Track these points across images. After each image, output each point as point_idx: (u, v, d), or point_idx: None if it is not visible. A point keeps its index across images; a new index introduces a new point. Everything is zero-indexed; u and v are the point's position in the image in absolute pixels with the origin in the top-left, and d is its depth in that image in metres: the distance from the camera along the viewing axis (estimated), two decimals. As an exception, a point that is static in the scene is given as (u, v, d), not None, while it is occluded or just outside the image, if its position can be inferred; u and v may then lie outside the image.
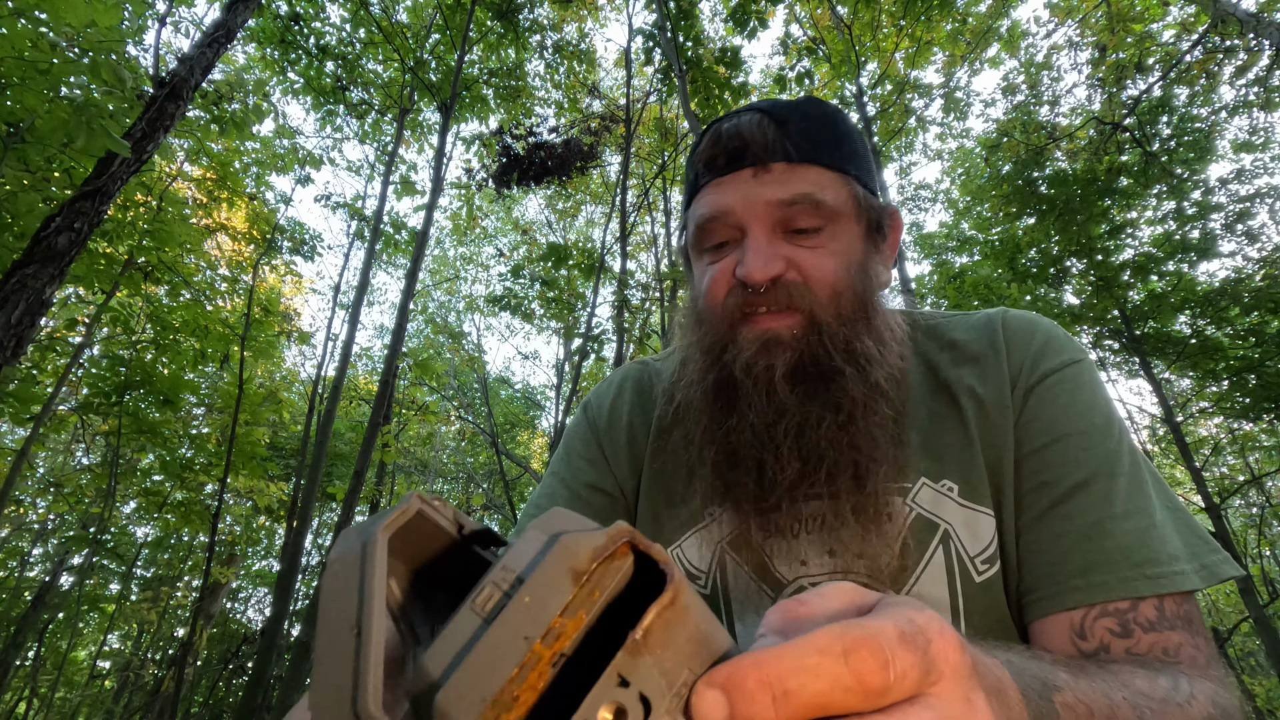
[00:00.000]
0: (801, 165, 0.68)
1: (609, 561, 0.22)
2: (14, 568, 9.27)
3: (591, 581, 0.21)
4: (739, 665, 0.22)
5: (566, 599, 0.21)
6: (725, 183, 0.70)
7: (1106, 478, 0.62)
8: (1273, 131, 6.85)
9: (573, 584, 0.21)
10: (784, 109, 0.70)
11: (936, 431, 0.70)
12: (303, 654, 4.89)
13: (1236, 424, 7.78)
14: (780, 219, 0.68)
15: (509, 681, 0.20)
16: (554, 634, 0.20)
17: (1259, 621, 5.64)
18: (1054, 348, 0.70)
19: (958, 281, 7.29)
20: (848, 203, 0.70)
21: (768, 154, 0.68)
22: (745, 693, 0.22)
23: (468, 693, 0.20)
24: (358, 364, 12.31)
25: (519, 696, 0.20)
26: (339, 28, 7.45)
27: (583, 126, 10.30)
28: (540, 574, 0.21)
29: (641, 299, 8.80)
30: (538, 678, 0.20)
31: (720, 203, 0.69)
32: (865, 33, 7.07)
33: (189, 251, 6.43)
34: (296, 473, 7.20)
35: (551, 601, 0.21)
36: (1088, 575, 0.58)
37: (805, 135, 0.69)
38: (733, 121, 0.71)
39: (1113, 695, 0.43)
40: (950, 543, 0.65)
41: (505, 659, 0.20)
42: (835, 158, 0.70)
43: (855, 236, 0.71)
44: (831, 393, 0.66)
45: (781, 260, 0.67)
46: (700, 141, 0.73)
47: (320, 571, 5.08)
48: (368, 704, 0.20)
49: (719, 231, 0.70)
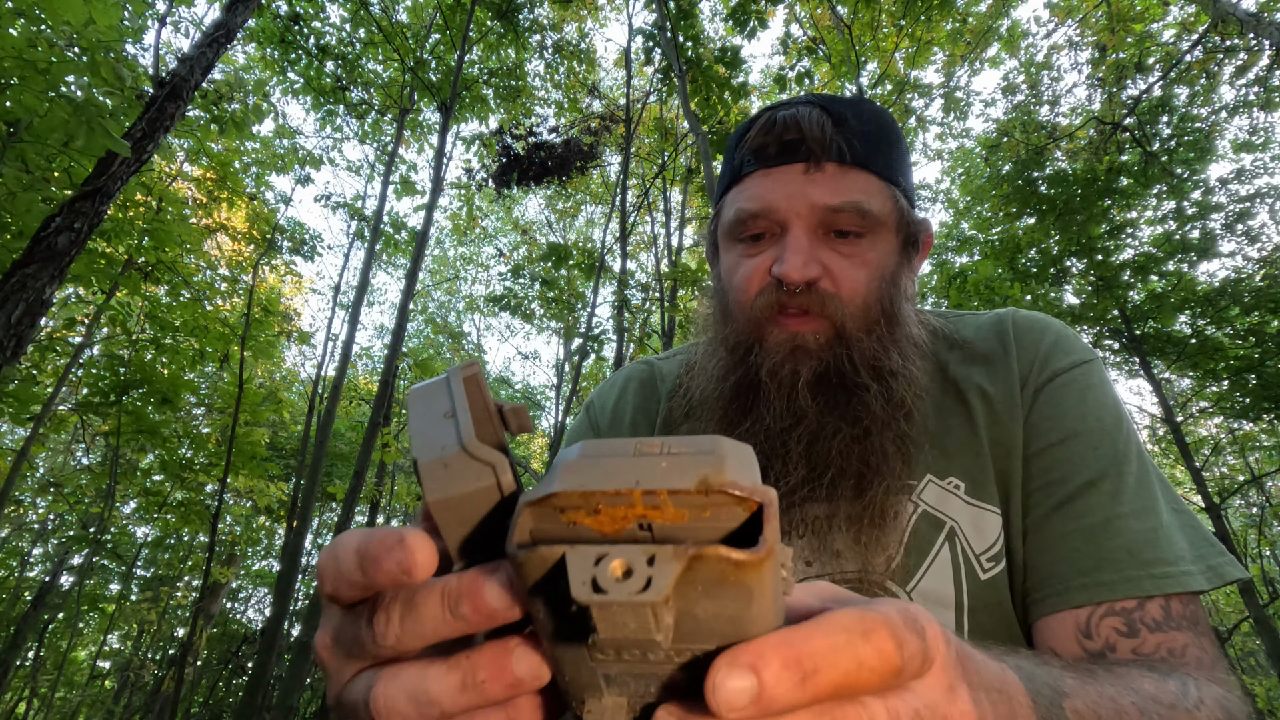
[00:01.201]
0: (853, 169, 0.67)
1: (737, 500, 0.22)
2: (14, 568, 9.27)
3: (710, 500, 0.22)
4: (766, 643, 0.22)
5: (685, 487, 0.22)
6: (774, 175, 0.69)
7: (1114, 477, 0.62)
8: (1273, 131, 6.86)
9: (695, 485, 0.22)
10: (842, 106, 0.69)
11: (944, 429, 0.70)
12: (303, 654, 4.88)
13: (1236, 424, 7.79)
14: (823, 221, 0.67)
15: (601, 493, 0.22)
16: (655, 501, 0.22)
17: (1259, 621, 5.64)
18: (1064, 347, 0.70)
19: (959, 281, 7.28)
20: (891, 215, 0.69)
21: (823, 151, 0.67)
22: (773, 673, 0.21)
23: (575, 475, 0.23)
24: (358, 364, 12.31)
25: (600, 511, 0.22)
26: (339, 28, 7.45)
27: (583, 126, 10.30)
28: (683, 459, 0.23)
29: (641, 299, 8.80)
30: (621, 514, 0.22)
31: (767, 198, 0.68)
32: (865, 32, 7.07)
33: (189, 251, 6.43)
34: (296, 473, 7.20)
35: (671, 480, 0.22)
36: (1094, 574, 0.58)
37: (861, 138, 0.68)
38: (790, 111, 0.69)
39: (1121, 701, 0.43)
40: (956, 540, 0.65)
41: (614, 480, 0.22)
42: (886, 166, 0.69)
43: (892, 249, 0.70)
44: (852, 406, 0.66)
45: (819, 264, 0.66)
46: (751, 125, 0.71)
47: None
48: (472, 435, 0.26)
49: (759, 225, 0.70)
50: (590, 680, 0.24)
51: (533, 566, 0.22)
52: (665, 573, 0.20)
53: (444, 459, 0.25)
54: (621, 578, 0.20)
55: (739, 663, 0.21)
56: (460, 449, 0.25)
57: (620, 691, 0.25)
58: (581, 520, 0.22)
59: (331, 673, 0.31)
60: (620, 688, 0.25)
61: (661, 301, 7.33)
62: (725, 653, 0.22)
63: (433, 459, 0.25)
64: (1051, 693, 0.38)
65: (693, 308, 5.98)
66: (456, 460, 0.25)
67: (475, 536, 0.26)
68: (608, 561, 0.21)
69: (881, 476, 0.65)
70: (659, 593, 0.20)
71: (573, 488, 0.22)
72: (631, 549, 0.21)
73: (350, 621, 0.29)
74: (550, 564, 0.22)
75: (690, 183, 8.82)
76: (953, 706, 0.26)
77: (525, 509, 0.23)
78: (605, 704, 0.25)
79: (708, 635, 0.22)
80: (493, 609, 0.25)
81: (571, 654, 0.24)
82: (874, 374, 0.66)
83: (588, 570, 0.21)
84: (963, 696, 0.27)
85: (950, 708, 0.26)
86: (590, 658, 0.23)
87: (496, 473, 0.25)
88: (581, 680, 0.25)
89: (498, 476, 0.25)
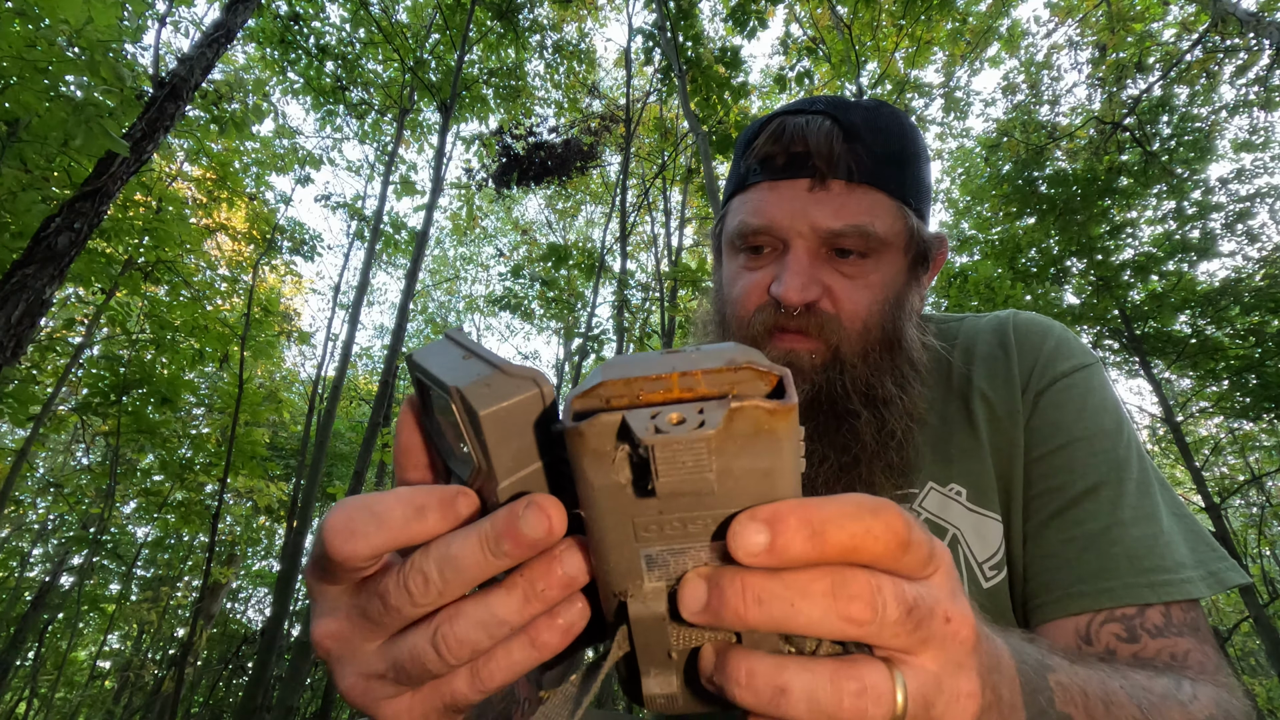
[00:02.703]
0: (861, 187, 0.65)
1: (759, 374, 0.25)
2: (14, 568, 9.27)
3: (738, 376, 0.25)
4: (782, 505, 0.25)
5: (714, 367, 0.24)
6: (779, 189, 0.67)
7: (1115, 484, 0.62)
8: (1273, 131, 6.85)
9: (724, 366, 0.24)
10: (856, 117, 0.67)
11: (946, 435, 0.70)
12: (303, 654, 4.88)
13: (1236, 424, 7.78)
14: (825, 242, 0.66)
15: (643, 379, 0.25)
16: (689, 382, 0.24)
17: (1259, 621, 5.64)
18: (1065, 351, 0.70)
19: (959, 281, 7.28)
20: (900, 235, 0.67)
21: (829, 169, 0.65)
22: (786, 527, 0.24)
23: (615, 368, 0.25)
24: (358, 364, 12.31)
25: (640, 395, 0.25)
26: (339, 28, 7.44)
27: (583, 126, 10.29)
28: (709, 352, 0.25)
29: (641, 299, 8.79)
30: (659, 396, 0.25)
31: (770, 213, 0.67)
32: (865, 32, 7.06)
33: (189, 251, 6.42)
34: (296, 473, 7.20)
35: (703, 363, 0.25)
36: (1095, 581, 0.58)
37: (872, 154, 0.65)
38: (799, 120, 0.67)
39: (1109, 683, 0.43)
40: (959, 547, 0.65)
41: (654, 369, 0.25)
42: (898, 183, 0.67)
43: (898, 269, 0.69)
44: (841, 433, 0.65)
45: (818, 286, 0.65)
46: (760, 130, 0.70)
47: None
48: (504, 359, 0.28)
49: (761, 240, 0.68)
50: (632, 565, 0.27)
51: (594, 435, 0.24)
52: (715, 416, 0.23)
53: (484, 379, 0.27)
54: (677, 425, 0.23)
55: (758, 517, 0.24)
56: (496, 369, 0.27)
57: (660, 575, 0.27)
58: (622, 404, 0.25)
59: (345, 657, 0.31)
60: (660, 570, 0.27)
61: (661, 301, 7.32)
62: (746, 510, 0.25)
63: (474, 381, 0.27)
64: (1037, 665, 0.38)
65: (693, 308, 5.93)
66: (496, 379, 0.27)
67: (526, 445, 0.28)
68: (663, 414, 0.23)
69: None
70: (713, 426, 0.22)
71: (616, 377, 0.25)
72: (681, 405, 0.24)
73: (365, 597, 0.30)
74: (610, 428, 0.24)
75: (690, 183, 8.82)
76: (954, 605, 0.28)
77: (573, 400, 0.25)
78: (646, 589, 0.28)
79: (741, 496, 0.25)
80: (533, 539, 0.27)
81: (617, 535, 0.26)
82: (866, 401, 0.65)
83: (648, 422, 0.23)
84: (963, 602, 0.29)
85: (952, 605, 0.28)
86: (636, 535, 0.26)
87: (538, 382, 0.27)
88: (624, 567, 0.27)
89: (539, 385, 0.27)
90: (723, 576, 0.25)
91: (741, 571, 0.25)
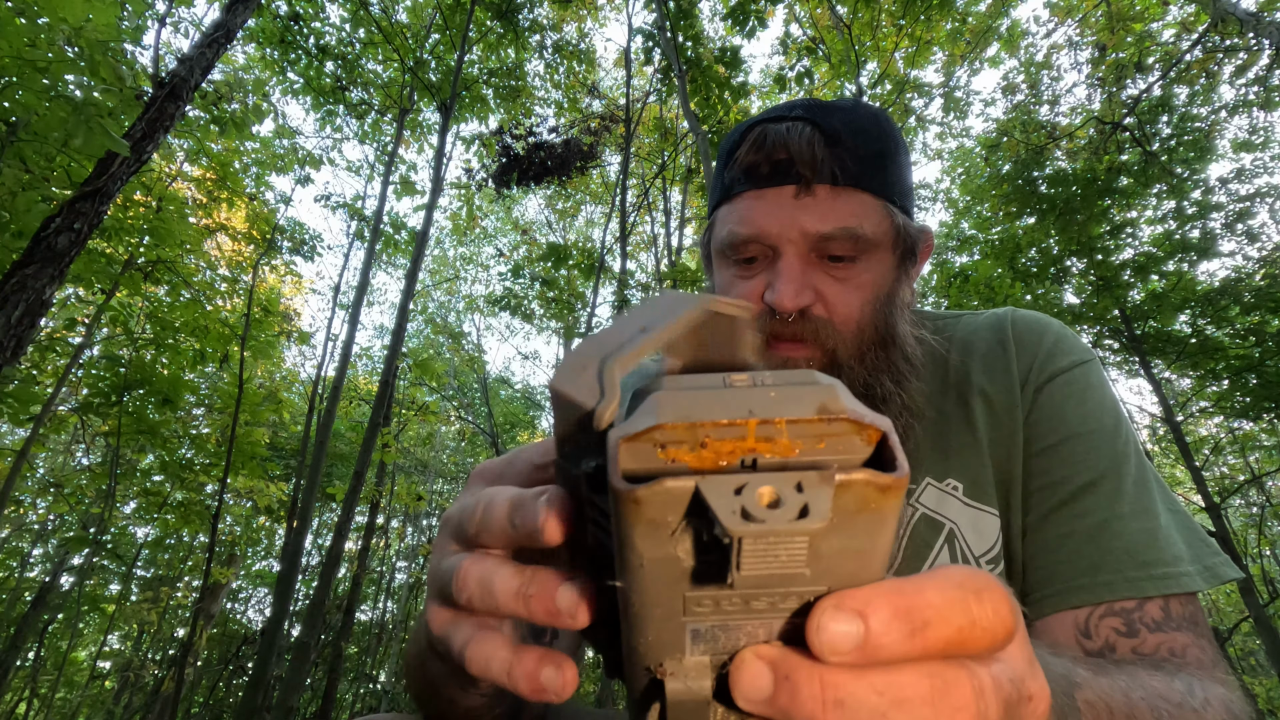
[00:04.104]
0: (846, 190, 0.66)
1: (857, 428, 0.20)
2: (14, 568, 9.27)
3: (830, 429, 0.20)
4: (877, 589, 0.21)
5: (801, 416, 0.20)
6: (765, 197, 0.67)
7: (1114, 478, 0.62)
8: (1273, 131, 6.85)
9: (814, 412, 0.20)
10: (836, 119, 0.67)
11: (943, 431, 0.70)
12: (303, 654, 4.88)
13: (1236, 424, 7.78)
14: (815, 247, 0.66)
15: (712, 424, 0.20)
16: (769, 432, 0.20)
17: (1259, 621, 5.64)
18: (1063, 348, 0.70)
19: (959, 281, 7.28)
20: (887, 234, 0.68)
21: (813, 174, 0.65)
22: (882, 621, 0.20)
23: (674, 406, 0.20)
24: (358, 364, 12.30)
25: (706, 445, 0.20)
26: (339, 28, 7.44)
27: (583, 126, 10.30)
28: (790, 389, 0.21)
29: (641, 299, 8.78)
30: (729, 448, 0.20)
31: (758, 222, 0.67)
32: (865, 32, 7.06)
33: (189, 251, 6.42)
34: (296, 473, 7.20)
35: (787, 409, 0.20)
36: (1094, 574, 0.58)
37: (855, 156, 0.66)
38: (780, 128, 0.67)
39: (1131, 695, 0.43)
40: (955, 542, 0.65)
41: (723, 410, 0.20)
42: (881, 183, 0.67)
43: (887, 267, 0.69)
44: None
45: (811, 291, 0.66)
46: (741, 138, 0.70)
47: (322, 567, 5.10)
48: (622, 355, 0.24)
49: (751, 249, 0.69)
50: (675, 638, 0.23)
51: (656, 504, 0.19)
52: (821, 497, 0.18)
53: (583, 360, 0.24)
54: (770, 507, 0.18)
55: (846, 606, 0.21)
56: (603, 360, 0.24)
57: (705, 649, 0.23)
58: (682, 456, 0.20)
59: (435, 549, 0.35)
60: (706, 644, 0.23)
61: (661, 301, 7.31)
62: (831, 595, 0.21)
63: (574, 358, 0.25)
64: (1065, 682, 0.38)
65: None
66: (591, 368, 0.24)
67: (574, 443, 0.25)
68: (750, 489, 0.18)
69: None
70: (822, 519, 0.18)
71: (678, 419, 0.20)
72: (773, 476, 0.19)
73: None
74: (679, 499, 0.19)
75: (690, 183, 8.82)
76: (1035, 681, 0.25)
77: (621, 444, 0.20)
78: (688, 664, 0.23)
79: (824, 576, 0.21)
80: (530, 528, 0.27)
81: (663, 610, 0.21)
82: (865, 401, 0.66)
83: (732, 500, 0.18)
84: (1039, 671, 0.26)
85: (1033, 682, 0.25)
86: (685, 610, 0.21)
87: (602, 398, 0.23)
88: (666, 639, 0.23)
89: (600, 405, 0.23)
90: (797, 669, 0.21)
91: (819, 666, 0.21)
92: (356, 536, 9.74)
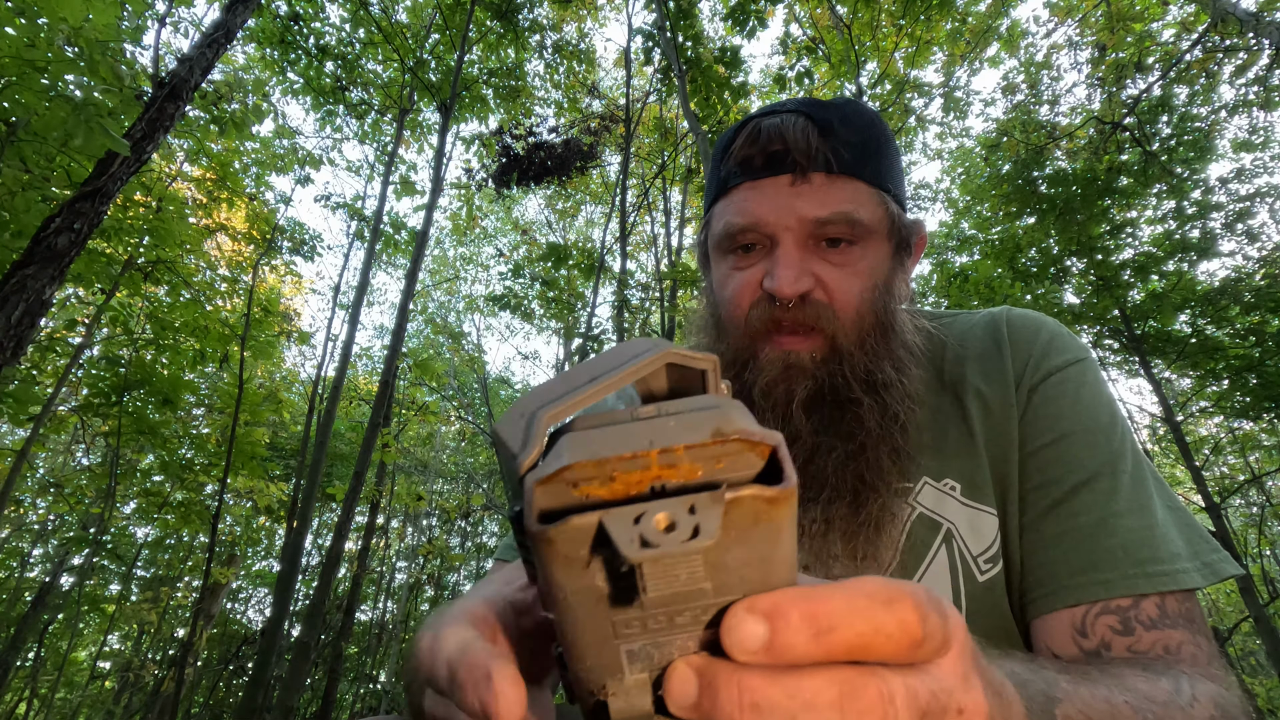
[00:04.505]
0: (841, 178, 0.66)
1: (750, 445, 0.22)
2: (14, 568, 9.27)
3: (725, 449, 0.22)
4: (785, 595, 0.22)
5: (697, 440, 0.22)
6: (761, 187, 0.68)
7: (1110, 476, 0.62)
8: (1273, 131, 6.85)
9: (710, 438, 0.22)
10: (828, 112, 0.68)
11: (940, 430, 0.70)
12: (303, 654, 4.88)
13: (1236, 424, 7.78)
14: (813, 233, 0.67)
15: (617, 458, 0.21)
16: (671, 459, 0.22)
17: (1259, 621, 5.64)
18: (1058, 346, 0.70)
19: (959, 281, 7.28)
20: (882, 222, 0.68)
21: (809, 162, 0.66)
22: (789, 623, 0.22)
23: (583, 446, 0.22)
24: (358, 364, 12.30)
25: (615, 478, 0.22)
26: (339, 28, 7.45)
27: (582, 126, 10.30)
28: (687, 416, 0.23)
29: (641, 299, 8.80)
30: (637, 479, 0.22)
31: (755, 211, 0.67)
32: (865, 32, 7.06)
33: (189, 251, 6.43)
34: (296, 473, 7.20)
35: (685, 435, 0.22)
36: (1090, 572, 0.58)
37: (849, 146, 0.67)
38: (774, 120, 0.68)
39: (1114, 699, 0.43)
40: (953, 542, 0.65)
41: (626, 444, 0.22)
42: (875, 172, 0.68)
43: (884, 255, 0.69)
44: (846, 422, 0.66)
45: (810, 277, 0.66)
46: (736, 134, 0.70)
47: (322, 567, 5.11)
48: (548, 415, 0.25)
49: (748, 237, 0.69)
50: (612, 660, 0.24)
51: (565, 541, 0.21)
52: (711, 517, 0.20)
53: (522, 409, 0.26)
54: (666, 531, 0.20)
55: (756, 609, 0.22)
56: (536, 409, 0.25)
57: (642, 668, 0.25)
58: (595, 491, 0.22)
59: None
60: (642, 663, 0.25)
61: (661, 301, 7.33)
62: (743, 599, 0.22)
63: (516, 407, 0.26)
64: (1044, 699, 0.38)
65: (692, 308, 5.96)
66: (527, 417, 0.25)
67: (511, 488, 0.26)
68: (648, 518, 0.20)
69: (877, 492, 0.64)
70: (711, 537, 0.20)
71: (586, 458, 0.21)
72: (668, 502, 0.21)
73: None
74: (584, 534, 0.21)
75: (690, 183, 8.82)
76: (967, 695, 0.26)
77: (535, 487, 0.22)
78: (628, 683, 0.25)
79: (735, 585, 0.22)
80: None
81: (594, 636, 0.23)
82: (867, 388, 0.66)
83: (631, 529, 0.20)
84: (976, 686, 0.27)
85: (965, 695, 0.26)
86: (615, 633, 0.23)
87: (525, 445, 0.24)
88: (603, 662, 0.24)
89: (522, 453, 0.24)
90: (717, 675, 0.23)
91: (738, 671, 0.22)
92: (356, 536, 9.74)
